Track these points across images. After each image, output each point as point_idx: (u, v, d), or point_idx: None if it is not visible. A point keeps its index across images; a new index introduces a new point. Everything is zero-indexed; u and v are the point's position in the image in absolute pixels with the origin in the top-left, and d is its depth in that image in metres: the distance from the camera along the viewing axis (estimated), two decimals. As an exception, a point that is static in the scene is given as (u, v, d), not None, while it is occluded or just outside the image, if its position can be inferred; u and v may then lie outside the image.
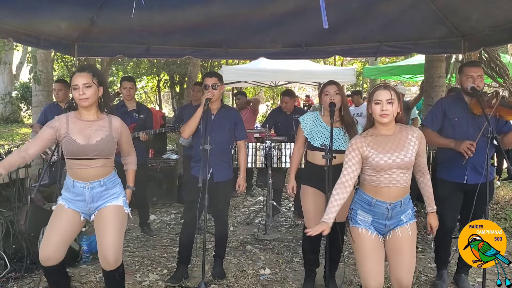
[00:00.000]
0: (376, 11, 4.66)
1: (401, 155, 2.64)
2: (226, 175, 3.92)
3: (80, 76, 2.79)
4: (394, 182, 2.66)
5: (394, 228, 2.72)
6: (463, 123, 3.61)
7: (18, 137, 13.87)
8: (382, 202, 2.68)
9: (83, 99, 2.77)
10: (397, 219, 2.72)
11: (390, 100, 2.61)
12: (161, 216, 6.23)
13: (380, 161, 2.65)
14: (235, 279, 3.95)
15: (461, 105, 3.65)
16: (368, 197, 2.72)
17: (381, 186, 2.67)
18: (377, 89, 2.69)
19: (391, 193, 2.67)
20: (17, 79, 18.47)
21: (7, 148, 4.67)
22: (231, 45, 5.61)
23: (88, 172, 2.84)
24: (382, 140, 2.70)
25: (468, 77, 3.56)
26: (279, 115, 6.28)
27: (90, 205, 2.89)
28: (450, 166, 3.66)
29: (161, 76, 18.20)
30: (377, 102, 2.64)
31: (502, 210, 6.10)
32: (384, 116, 2.62)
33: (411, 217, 2.75)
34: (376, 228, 2.73)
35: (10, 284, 3.76)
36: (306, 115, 3.70)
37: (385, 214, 2.69)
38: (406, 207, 2.73)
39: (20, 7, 4.07)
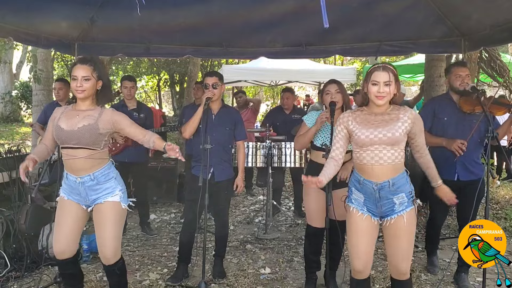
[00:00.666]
0: (376, 10, 4.66)
1: (385, 130, 2.59)
2: (226, 174, 3.92)
3: (81, 68, 2.80)
4: (377, 158, 2.60)
5: (391, 216, 2.66)
6: (453, 122, 3.74)
7: (18, 136, 13.87)
8: (369, 182, 2.65)
9: (79, 91, 2.80)
10: (389, 202, 2.64)
11: (388, 82, 2.57)
12: (161, 215, 6.23)
13: (362, 135, 2.63)
14: (235, 279, 3.95)
15: (450, 104, 3.79)
16: (358, 175, 2.71)
17: (364, 163, 2.64)
18: (376, 69, 2.62)
19: (375, 171, 2.62)
20: (17, 78, 18.46)
21: (7, 148, 4.66)
22: (231, 44, 5.60)
23: (75, 163, 2.83)
24: (370, 117, 2.67)
25: (457, 76, 3.72)
26: (279, 115, 6.28)
27: (85, 198, 2.90)
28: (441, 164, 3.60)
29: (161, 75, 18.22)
30: (374, 83, 2.59)
31: (502, 210, 6.10)
32: (380, 98, 2.59)
33: (407, 204, 2.65)
34: (369, 209, 2.70)
35: (10, 283, 3.76)
36: (309, 114, 3.70)
37: (373, 194, 2.65)
38: (398, 189, 2.63)
39: (20, 6, 4.07)
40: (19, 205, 4.22)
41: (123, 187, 2.98)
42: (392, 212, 2.66)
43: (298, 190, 6.13)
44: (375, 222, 2.73)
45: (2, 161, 4.44)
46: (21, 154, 4.68)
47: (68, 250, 2.92)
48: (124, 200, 2.94)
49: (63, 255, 2.92)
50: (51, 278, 3.73)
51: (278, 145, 5.34)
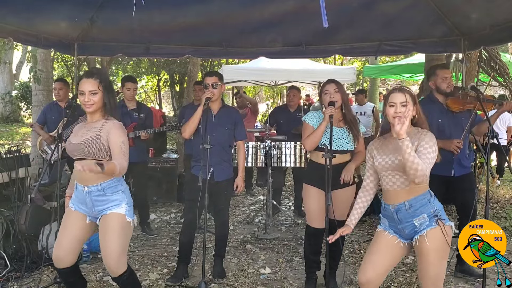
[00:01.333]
0: (376, 10, 4.65)
1: (394, 156, 2.62)
2: (226, 174, 3.92)
3: (87, 82, 2.81)
4: (391, 184, 2.66)
5: (415, 237, 2.62)
6: (445, 123, 3.87)
7: (18, 137, 13.88)
8: (387, 205, 2.70)
9: (88, 105, 2.82)
10: (410, 224, 2.62)
11: (404, 103, 2.60)
12: (161, 215, 6.23)
13: (376, 162, 2.70)
14: (235, 278, 3.95)
15: (437, 106, 3.91)
16: (382, 200, 2.77)
17: (383, 188, 2.71)
18: (392, 91, 2.68)
19: (391, 195, 2.67)
20: (17, 79, 18.47)
21: (7, 148, 4.67)
22: (231, 44, 5.60)
23: (84, 173, 2.79)
24: (389, 142, 2.71)
25: (443, 79, 3.87)
26: (282, 113, 6.28)
27: (91, 209, 2.88)
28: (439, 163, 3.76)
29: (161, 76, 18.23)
30: (391, 105, 2.62)
31: (502, 209, 6.10)
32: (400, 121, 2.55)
33: (428, 223, 2.58)
34: (395, 232, 2.71)
35: (10, 283, 3.76)
36: (309, 114, 3.69)
37: (392, 217, 2.68)
38: (418, 211, 2.60)
39: (20, 7, 4.07)
40: (19, 205, 4.22)
41: (129, 201, 2.95)
42: (415, 233, 2.63)
43: (299, 190, 6.14)
44: (401, 244, 2.70)
45: (2, 161, 4.44)
46: (21, 154, 4.68)
47: (66, 260, 2.88)
48: (129, 214, 2.91)
49: (61, 264, 2.89)
50: (51, 278, 3.73)
51: (278, 145, 5.34)
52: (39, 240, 4.21)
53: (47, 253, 4.09)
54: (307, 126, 3.61)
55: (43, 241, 4.15)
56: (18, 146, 4.75)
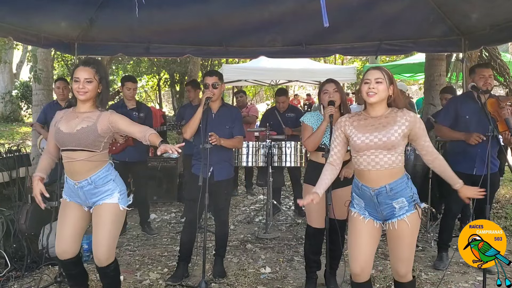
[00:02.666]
0: (376, 9, 4.66)
1: (381, 134, 2.54)
2: (226, 173, 3.92)
3: (84, 70, 2.81)
4: (373, 163, 2.57)
5: (392, 220, 2.62)
6: (474, 120, 3.93)
7: (18, 136, 13.87)
8: (366, 187, 2.62)
9: (81, 93, 2.81)
10: (389, 206, 2.60)
11: (379, 79, 2.54)
12: (162, 215, 6.23)
13: (358, 140, 2.60)
14: (235, 278, 3.95)
15: (472, 103, 3.94)
16: (357, 180, 2.70)
17: (361, 169, 2.62)
18: (368, 69, 2.63)
19: (372, 176, 2.58)
20: (17, 78, 18.45)
21: (7, 147, 4.67)
22: (231, 43, 5.61)
23: (74, 166, 2.84)
24: (367, 121, 2.64)
25: (481, 77, 3.89)
26: (272, 115, 6.24)
27: (86, 201, 2.91)
28: (462, 159, 3.97)
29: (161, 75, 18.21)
30: (366, 82, 2.57)
31: (503, 209, 6.11)
32: (371, 95, 2.54)
33: (408, 208, 2.59)
34: (370, 214, 2.68)
35: (10, 283, 3.76)
36: (307, 115, 3.70)
37: (371, 199, 2.63)
38: (397, 194, 2.57)
39: (20, 6, 4.07)
40: (19, 204, 4.22)
41: (122, 188, 2.96)
42: (393, 216, 2.63)
43: (298, 190, 6.13)
44: (377, 225, 2.69)
45: (2, 161, 4.44)
46: (21, 153, 4.68)
47: (70, 251, 2.92)
48: (122, 202, 2.92)
49: (65, 255, 2.92)
50: (52, 277, 3.73)
51: (278, 145, 5.34)
52: (39, 239, 4.21)
53: (47, 253, 4.09)
54: (306, 127, 3.61)
55: (44, 240, 4.15)
56: (19, 145, 4.75)
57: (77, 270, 3.07)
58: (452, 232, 4.26)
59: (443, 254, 4.23)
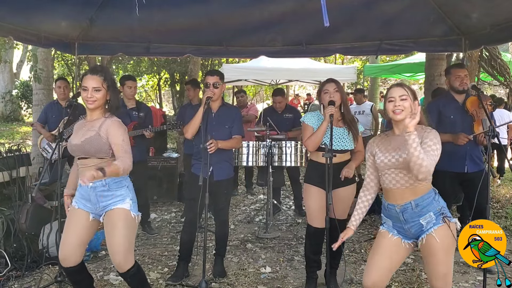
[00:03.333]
0: (377, 9, 4.65)
1: (398, 154, 2.56)
2: (226, 173, 3.92)
3: (92, 78, 2.80)
4: (394, 182, 2.60)
5: (421, 236, 2.59)
6: (458, 120, 4.02)
7: (19, 136, 13.88)
8: (392, 205, 2.63)
9: (90, 102, 2.82)
10: (416, 224, 2.59)
11: (403, 96, 2.55)
12: (162, 214, 6.24)
13: (378, 160, 2.63)
14: (235, 278, 3.95)
15: (453, 104, 4.09)
16: (383, 200, 2.71)
17: (385, 188, 2.65)
18: (391, 87, 2.64)
19: (395, 194, 2.61)
20: (17, 78, 18.47)
21: (7, 147, 4.67)
22: (231, 43, 5.60)
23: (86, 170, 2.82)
24: (390, 139, 2.65)
25: (456, 77, 4.02)
26: (270, 114, 6.23)
27: (96, 206, 2.89)
28: (451, 158, 4.01)
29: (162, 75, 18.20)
30: (391, 100, 2.58)
31: (503, 209, 6.10)
32: (397, 113, 2.54)
33: (435, 221, 2.56)
34: (399, 232, 2.67)
35: (11, 282, 3.76)
36: (307, 115, 3.69)
37: (397, 217, 2.63)
38: (424, 210, 2.56)
39: (20, 6, 4.07)
40: (19, 204, 4.23)
41: (133, 197, 2.96)
42: (422, 232, 2.60)
43: (297, 190, 6.12)
44: (405, 245, 2.66)
45: (2, 160, 4.44)
46: (21, 153, 4.69)
47: (72, 258, 2.90)
48: (134, 209, 2.92)
49: (67, 263, 2.91)
50: (52, 277, 3.73)
51: (279, 144, 5.34)
52: (39, 239, 4.22)
53: (47, 252, 4.10)
54: (306, 127, 3.60)
55: (44, 240, 4.16)
56: (19, 145, 4.76)
57: (81, 277, 3.06)
58: None
59: None
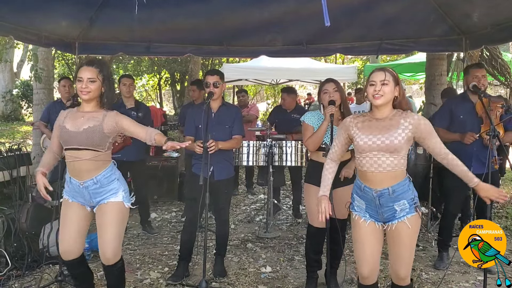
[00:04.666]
0: (377, 9, 4.66)
1: (384, 137, 2.54)
2: (227, 173, 3.92)
3: (87, 70, 2.83)
4: (376, 166, 2.57)
5: (392, 222, 2.63)
6: (468, 120, 4.00)
7: (19, 135, 13.88)
8: (369, 189, 2.62)
9: (85, 92, 2.82)
10: (390, 209, 2.61)
11: (384, 81, 2.52)
12: (162, 214, 6.24)
13: (361, 142, 2.60)
14: (236, 277, 3.96)
15: (467, 104, 4.05)
16: (359, 181, 2.69)
17: (365, 170, 2.62)
18: (374, 71, 2.61)
19: (375, 178, 2.59)
20: (17, 77, 18.46)
21: (8, 146, 4.67)
22: (232, 43, 5.60)
23: (79, 165, 2.84)
24: (371, 122, 2.63)
25: (474, 77, 3.94)
26: (279, 113, 6.26)
27: (90, 201, 2.92)
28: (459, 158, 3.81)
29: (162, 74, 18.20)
30: (371, 84, 2.55)
31: (503, 209, 6.10)
32: (377, 98, 2.53)
33: (409, 210, 2.60)
34: (371, 215, 2.68)
35: (11, 282, 3.76)
36: (307, 114, 3.69)
37: (373, 201, 2.63)
38: (399, 196, 2.58)
39: (21, 5, 4.07)
40: (20, 203, 4.23)
41: (125, 187, 2.98)
42: (393, 218, 2.63)
43: (297, 193, 6.07)
44: (379, 227, 2.69)
45: (3, 159, 4.44)
46: (22, 152, 4.69)
47: (73, 251, 2.93)
48: (127, 199, 2.95)
49: (69, 256, 2.93)
50: (52, 276, 3.74)
51: (279, 144, 5.33)
52: (40, 238, 4.22)
53: (48, 252, 4.10)
54: (307, 126, 3.60)
55: (44, 239, 4.16)
56: (19, 144, 4.76)
57: (81, 270, 3.08)
58: (452, 232, 4.27)
59: (443, 254, 4.24)
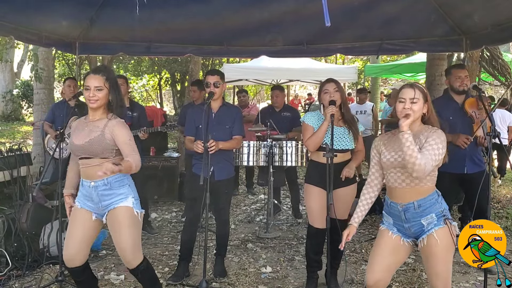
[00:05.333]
0: (378, 9, 4.66)
1: (398, 154, 2.58)
2: (227, 173, 3.92)
3: (94, 78, 2.83)
4: (399, 181, 2.61)
5: (422, 236, 2.61)
6: (458, 121, 3.97)
7: (19, 135, 13.90)
8: (394, 204, 2.65)
9: (92, 101, 2.84)
10: (417, 224, 2.61)
11: (413, 99, 2.54)
12: (163, 214, 6.24)
13: (384, 158, 2.64)
14: (236, 277, 3.96)
15: (452, 104, 4.05)
16: (387, 198, 2.72)
17: (389, 186, 2.67)
18: (404, 87, 2.63)
19: (398, 193, 2.62)
20: (18, 77, 18.48)
21: (8, 146, 4.67)
22: (232, 43, 5.60)
23: (90, 170, 2.87)
24: (395, 139, 2.64)
25: (457, 78, 3.99)
26: (268, 113, 6.19)
27: (98, 205, 2.90)
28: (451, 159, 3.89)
29: (162, 74, 18.22)
30: (401, 101, 2.57)
31: (504, 209, 6.10)
32: (405, 116, 2.54)
33: (437, 222, 2.58)
34: (399, 230, 2.68)
35: (11, 281, 3.76)
36: (307, 115, 3.69)
37: (399, 216, 2.64)
38: (426, 211, 2.58)
39: (22, 5, 4.07)
40: (20, 203, 4.23)
41: (136, 195, 2.98)
42: (422, 233, 2.62)
43: (294, 192, 6.06)
44: (404, 243, 2.68)
45: (3, 159, 4.45)
46: (22, 152, 4.69)
47: (78, 258, 2.93)
48: (136, 207, 2.94)
49: (72, 263, 2.93)
50: (52, 276, 3.73)
51: (279, 144, 5.33)
52: (40, 238, 4.22)
53: (48, 252, 4.10)
54: (307, 127, 3.60)
55: (44, 239, 4.16)
56: (20, 144, 4.77)
57: (84, 277, 3.07)
58: None
59: None
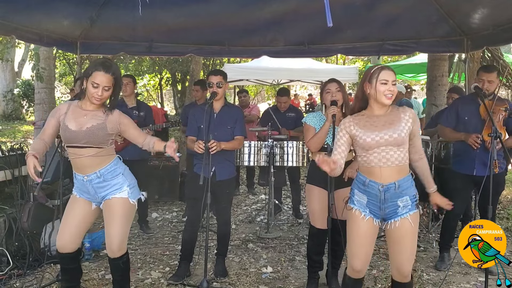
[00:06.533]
0: (379, 9, 4.66)
1: (390, 131, 2.60)
2: (228, 173, 3.92)
3: (104, 77, 2.79)
4: (385, 160, 2.61)
5: (395, 219, 2.65)
6: (473, 121, 3.97)
7: (20, 134, 13.90)
8: (375, 183, 2.64)
9: (97, 99, 2.83)
10: (393, 205, 2.64)
11: (394, 81, 2.61)
12: (163, 214, 6.24)
13: (367, 138, 2.63)
14: (237, 277, 3.96)
15: (473, 105, 4.00)
16: (363, 177, 2.71)
17: (372, 166, 2.64)
18: (383, 68, 2.64)
19: (383, 172, 2.62)
20: (19, 77, 18.48)
21: (9, 146, 4.67)
22: (233, 43, 5.61)
23: (82, 161, 2.86)
24: (372, 119, 2.68)
25: (479, 80, 3.92)
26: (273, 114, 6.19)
27: (95, 196, 2.95)
28: (463, 159, 4.03)
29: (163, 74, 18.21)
30: (384, 82, 2.59)
31: (505, 210, 6.10)
32: (390, 98, 2.60)
33: (411, 207, 2.64)
34: (371, 211, 2.69)
35: (12, 281, 3.77)
36: (309, 115, 3.69)
37: (378, 196, 2.64)
38: (403, 192, 2.63)
39: (23, 5, 4.08)
40: (21, 203, 4.23)
41: (131, 182, 3.00)
42: (395, 215, 2.65)
43: (295, 192, 6.06)
44: (376, 224, 2.72)
45: (4, 159, 4.44)
46: (23, 152, 4.69)
47: (70, 245, 2.97)
48: (132, 196, 2.97)
49: (64, 249, 2.97)
50: (53, 276, 3.75)
51: (280, 144, 5.33)
52: (41, 238, 4.23)
53: (49, 251, 4.10)
54: (308, 127, 3.60)
55: (46, 239, 4.16)
56: (21, 144, 4.76)
57: (73, 266, 3.11)
58: (454, 233, 4.25)
59: (444, 255, 4.24)
